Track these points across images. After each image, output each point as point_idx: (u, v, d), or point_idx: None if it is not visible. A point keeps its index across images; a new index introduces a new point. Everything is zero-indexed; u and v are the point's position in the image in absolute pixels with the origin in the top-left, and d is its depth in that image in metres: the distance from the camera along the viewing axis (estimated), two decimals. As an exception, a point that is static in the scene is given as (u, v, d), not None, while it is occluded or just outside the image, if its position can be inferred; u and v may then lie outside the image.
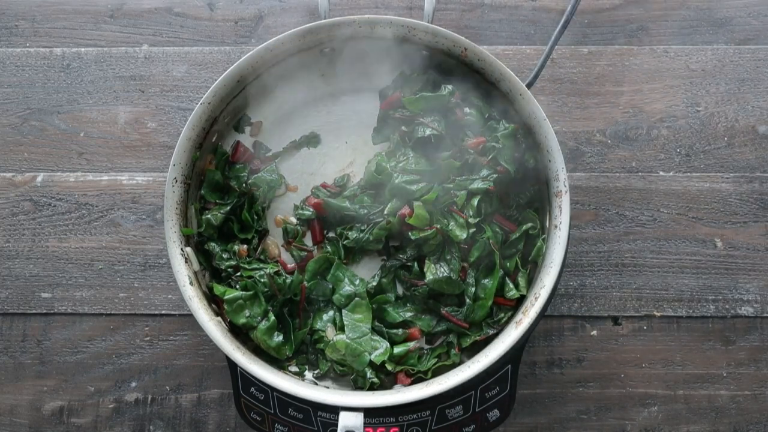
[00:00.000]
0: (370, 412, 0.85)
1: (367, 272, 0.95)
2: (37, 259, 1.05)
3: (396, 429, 0.87)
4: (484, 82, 0.92)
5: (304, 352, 0.93)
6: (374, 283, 0.93)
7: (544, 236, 0.90)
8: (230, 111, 0.95)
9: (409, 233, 0.90)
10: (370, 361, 0.89)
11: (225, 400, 1.00)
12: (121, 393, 1.01)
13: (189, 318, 1.01)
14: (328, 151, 0.99)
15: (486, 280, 0.90)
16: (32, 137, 1.09)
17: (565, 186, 0.86)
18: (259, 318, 0.89)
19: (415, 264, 0.93)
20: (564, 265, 0.86)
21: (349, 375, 0.91)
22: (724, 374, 1.00)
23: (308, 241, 0.96)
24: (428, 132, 0.92)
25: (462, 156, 0.92)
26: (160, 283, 1.04)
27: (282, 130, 0.99)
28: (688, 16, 1.10)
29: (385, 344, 0.90)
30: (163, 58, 1.10)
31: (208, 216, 0.92)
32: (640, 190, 1.05)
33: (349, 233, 0.94)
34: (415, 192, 0.90)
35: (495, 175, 0.90)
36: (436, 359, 0.90)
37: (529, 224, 0.90)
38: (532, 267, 0.91)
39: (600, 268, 1.03)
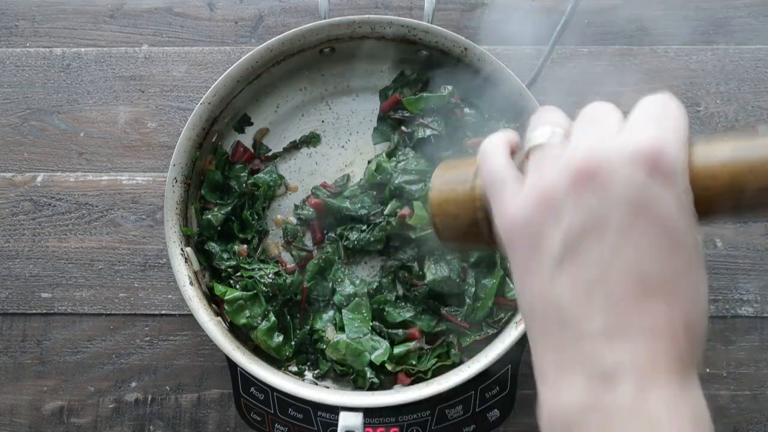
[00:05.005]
0: (370, 412, 0.85)
1: (367, 272, 0.95)
2: (37, 259, 1.05)
3: (396, 429, 0.87)
4: (484, 82, 0.92)
5: (304, 352, 0.93)
6: (374, 284, 0.93)
7: (544, 236, 0.90)
8: (230, 111, 0.95)
9: (409, 233, 0.90)
10: (370, 361, 0.89)
11: (225, 400, 1.00)
12: (121, 393, 1.01)
13: (189, 318, 1.01)
14: (328, 151, 0.99)
15: (486, 280, 0.90)
16: (32, 137, 1.09)
17: (565, 186, 0.86)
18: (260, 318, 0.89)
19: (415, 264, 0.93)
20: (564, 265, 0.86)
21: (349, 375, 0.91)
22: (724, 374, 1.00)
23: (308, 241, 0.96)
24: (428, 132, 0.92)
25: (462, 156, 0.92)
26: (160, 283, 1.04)
27: (282, 130, 0.99)
28: (688, 16, 1.10)
29: (385, 344, 0.90)
30: (163, 58, 1.10)
31: (208, 216, 0.92)
32: (640, 190, 1.05)
33: (350, 234, 0.94)
34: (415, 192, 0.90)
35: (495, 175, 0.90)
36: (436, 359, 0.90)
37: (529, 224, 0.90)
38: (532, 267, 0.91)
39: (600, 268, 1.03)
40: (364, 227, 0.94)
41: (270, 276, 0.91)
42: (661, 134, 0.40)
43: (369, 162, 0.97)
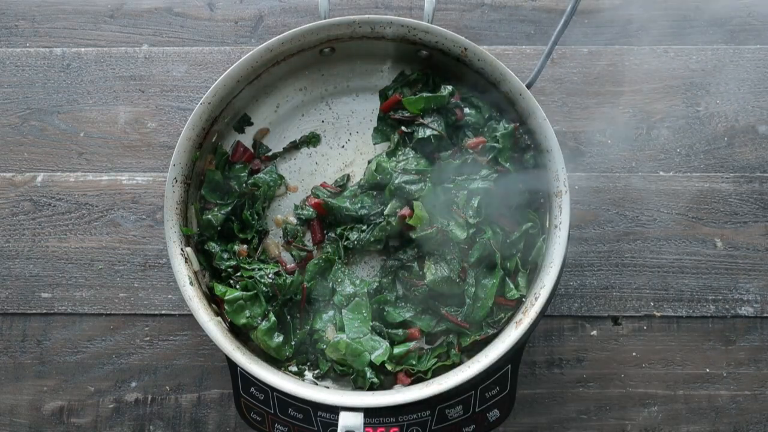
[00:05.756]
0: (370, 412, 0.85)
1: (367, 272, 0.95)
2: (37, 259, 1.05)
3: (396, 429, 0.87)
4: (484, 82, 0.92)
5: (304, 352, 0.93)
6: (374, 284, 0.93)
7: (544, 236, 0.90)
8: (230, 111, 0.95)
9: (410, 233, 0.90)
10: (370, 361, 0.89)
11: (225, 400, 1.01)
12: (121, 393, 1.01)
13: (189, 318, 1.01)
14: (328, 151, 0.99)
15: (486, 280, 0.90)
16: (32, 137, 1.09)
17: (565, 186, 0.86)
18: (260, 318, 0.89)
19: (415, 264, 0.93)
20: (564, 265, 0.86)
21: (349, 375, 0.91)
22: (724, 374, 1.00)
23: (308, 241, 0.96)
24: (428, 132, 0.92)
25: (462, 156, 0.92)
26: (160, 283, 1.04)
27: (282, 130, 0.99)
28: (688, 16, 1.10)
29: (385, 344, 0.90)
30: (163, 58, 1.10)
31: (208, 216, 0.92)
32: (640, 190, 1.05)
33: (350, 234, 0.94)
34: (415, 192, 0.90)
35: (495, 175, 0.90)
36: (436, 359, 0.90)
37: (529, 224, 0.90)
38: (532, 267, 0.91)
39: (600, 268, 1.03)
40: (364, 227, 0.94)
41: (270, 276, 0.91)
42: None
43: (369, 162, 0.97)
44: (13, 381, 1.02)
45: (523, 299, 0.89)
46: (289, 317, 0.92)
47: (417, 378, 0.90)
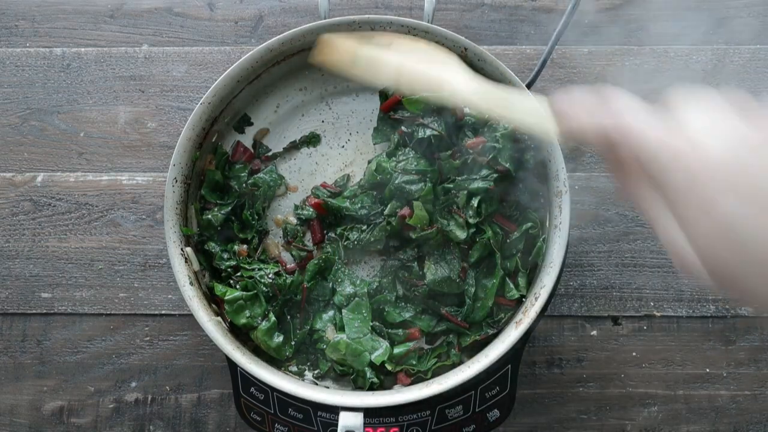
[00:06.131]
0: (370, 412, 0.85)
1: (367, 272, 0.95)
2: (37, 259, 1.05)
3: (396, 429, 0.87)
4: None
5: (304, 352, 0.93)
6: (374, 284, 0.93)
7: (544, 236, 0.90)
8: (230, 111, 0.95)
9: (409, 233, 0.90)
10: (370, 361, 0.89)
11: (225, 400, 1.01)
12: (121, 393, 1.01)
13: (189, 318, 1.01)
14: (328, 151, 0.99)
15: (486, 280, 0.90)
16: (32, 137, 1.09)
17: (565, 186, 0.86)
18: (260, 318, 0.89)
19: (415, 264, 0.93)
20: (564, 265, 0.86)
21: (349, 375, 0.91)
22: (724, 374, 1.00)
23: (308, 241, 0.96)
24: (428, 132, 0.92)
25: (462, 156, 0.92)
26: (160, 283, 1.04)
27: (282, 130, 0.99)
28: (688, 16, 1.10)
29: (385, 344, 0.90)
30: (163, 58, 1.10)
31: (208, 216, 0.92)
32: (640, 190, 1.04)
33: (350, 234, 0.94)
34: (415, 192, 0.90)
35: (495, 175, 0.90)
36: (436, 359, 0.90)
37: (529, 224, 0.90)
38: (532, 267, 0.91)
39: (600, 268, 1.03)
40: (364, 227, 0.94)
41: (270, 276, 0.91)
42: None
43: (369, 162, 0.96)
44: (13, 381, 1.02)
45: (523, 299, 0.89)
46: (289, 317, 0.92)
47: (417, 378, 0.90)
